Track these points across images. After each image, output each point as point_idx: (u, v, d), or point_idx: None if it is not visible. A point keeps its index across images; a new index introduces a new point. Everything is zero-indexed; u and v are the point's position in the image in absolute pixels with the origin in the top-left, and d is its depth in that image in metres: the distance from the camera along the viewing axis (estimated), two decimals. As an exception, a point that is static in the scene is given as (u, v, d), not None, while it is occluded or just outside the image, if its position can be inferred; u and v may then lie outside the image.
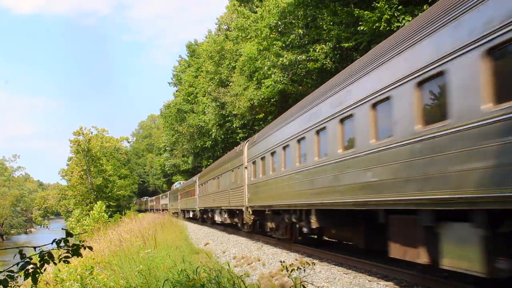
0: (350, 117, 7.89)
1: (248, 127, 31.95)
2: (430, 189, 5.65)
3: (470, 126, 4.98)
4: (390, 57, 6.70)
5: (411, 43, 6.20)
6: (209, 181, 25.74)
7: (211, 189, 24.55)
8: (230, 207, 19.33)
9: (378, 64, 7.07)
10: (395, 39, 6.84)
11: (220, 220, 22.50)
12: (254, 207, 15.46)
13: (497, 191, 4.60)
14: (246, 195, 16.27)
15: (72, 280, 8.48)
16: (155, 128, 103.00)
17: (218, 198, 22.32)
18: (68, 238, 3.94)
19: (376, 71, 7.12)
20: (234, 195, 18.43)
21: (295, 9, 19.28)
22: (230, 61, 33.86)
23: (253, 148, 15.71)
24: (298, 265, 6.19)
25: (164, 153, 63.64)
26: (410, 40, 6.23)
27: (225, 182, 20.60)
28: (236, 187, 17.97)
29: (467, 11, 5.11)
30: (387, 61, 6.80)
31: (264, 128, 16.60)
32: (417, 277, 7.13)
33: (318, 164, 9.25)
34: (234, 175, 18.78)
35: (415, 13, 13.63)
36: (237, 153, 18.54)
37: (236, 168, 18.27)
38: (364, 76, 7.50)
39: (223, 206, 21.06)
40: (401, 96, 6.33)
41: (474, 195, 4.91)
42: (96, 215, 36.01)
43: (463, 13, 5.18)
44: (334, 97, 8.62)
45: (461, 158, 5.08)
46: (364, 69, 7.54)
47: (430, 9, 6.27)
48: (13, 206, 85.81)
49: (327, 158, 8.86)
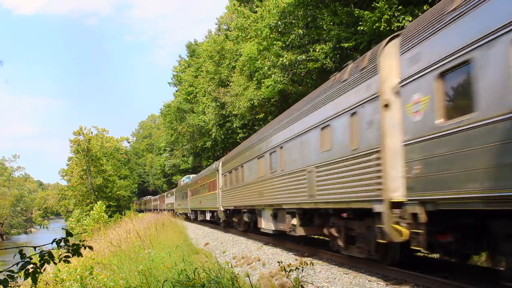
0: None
1: (248, 127, 31.94)
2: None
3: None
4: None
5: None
6: (247, 163, 16.41)
7: (254, 176, 15.38)
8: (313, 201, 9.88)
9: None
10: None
11: (275, 229, 13.47)
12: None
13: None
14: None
15: (72, 280, 8.49)
16: (155, 128, 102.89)
17: (280, 189, 12.27)
18: (68, 238, 3.95)
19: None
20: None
21: (295, 9, 19.28)
22: (230, 61, 33.85)
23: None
24: (297, 265, 6.20)
25: (164, 153, 63.62)
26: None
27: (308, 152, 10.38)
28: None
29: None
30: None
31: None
32: (417, 277, 7.13)
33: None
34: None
35: (415, 13, 13.62)
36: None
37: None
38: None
39: (296, 201, 11.02)
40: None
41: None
42: (96, 215, 36.00)
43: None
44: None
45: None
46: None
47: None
48: (13, 206, 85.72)
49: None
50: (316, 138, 9.69)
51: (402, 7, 14.15)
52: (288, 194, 11.54)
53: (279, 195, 12.30)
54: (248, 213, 16.93)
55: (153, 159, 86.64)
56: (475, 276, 7.18)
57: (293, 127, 11.36)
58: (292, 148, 11.30)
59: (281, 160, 12.24)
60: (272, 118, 22.83)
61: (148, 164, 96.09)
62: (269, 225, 13.85)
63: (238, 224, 19.46)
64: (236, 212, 19.35)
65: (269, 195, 13.26)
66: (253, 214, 16.43)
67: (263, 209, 14.42)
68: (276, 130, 13.07)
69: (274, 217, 13.32)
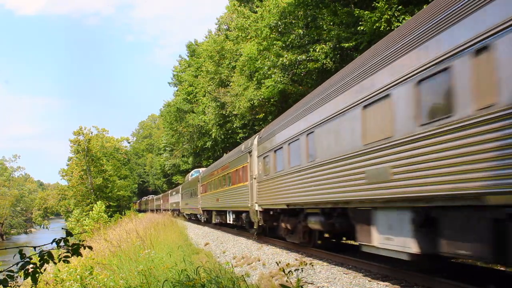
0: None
1: (248, 127, 31.95)
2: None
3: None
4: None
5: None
6: (328, 124, 9.28)
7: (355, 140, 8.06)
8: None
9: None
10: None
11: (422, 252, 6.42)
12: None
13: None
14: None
15: (72, 280, 8.49)
16: (155, 128, 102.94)
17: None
18: (68, 238, 3.94)
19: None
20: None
21: (295, 9, 19.29)
22: (230, 61, 33.85)
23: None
24: (296, 266, 6.19)
25: (164, 153, 63.63)
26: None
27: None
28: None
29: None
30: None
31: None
32: (417, 277, 7.12)
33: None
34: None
35: (415, 12, 13.61)
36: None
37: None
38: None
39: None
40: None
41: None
42: (95, 215, 36.01)
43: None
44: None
45: None
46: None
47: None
48: (13, 206, 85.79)
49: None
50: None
51: (402, 7, 14.16)
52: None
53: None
54: (322, 216, 9.88)
55: (153, 159, 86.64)
56: (475, 276, 7.18)
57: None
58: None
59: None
60: (272, 118, 22.82)
61: (148, 164, 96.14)
62: (399, 242, 6.74)
63: (290, 231, 12.61)
64: (287, 214, 12.52)
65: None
66: (341, 218, 9.26)
67: (378, 210, 7.38)
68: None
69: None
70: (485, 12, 5.01)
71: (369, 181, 7.33)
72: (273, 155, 12.95)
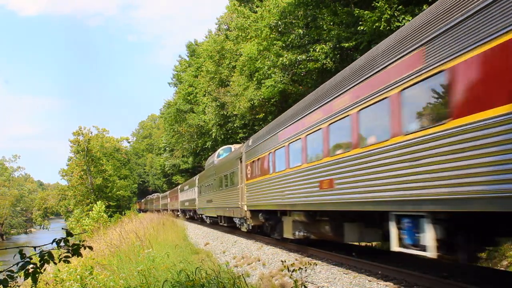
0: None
1: (249, 127, 31.94)
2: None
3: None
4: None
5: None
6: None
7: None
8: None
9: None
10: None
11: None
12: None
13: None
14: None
15: (72, 280, 8.49)
16: (155, 128, 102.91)
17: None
18: (68, 238, 3.94)
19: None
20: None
21: (295, 9, 19.27)
22: (230, 61, 33.83)
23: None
24: (299, 265, 6.20)
25: (164, 153, 63.63)
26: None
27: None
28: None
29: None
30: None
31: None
32: (417, 277, 7.13)
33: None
34: None
35: (416, 12, 13.61)
36: None
37: None
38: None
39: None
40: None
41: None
42: (95, 215, 35.98)
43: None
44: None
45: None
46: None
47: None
48: (13, 206, 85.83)
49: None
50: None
51: (402, 7, 14.15)
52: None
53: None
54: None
55: (153, 159, 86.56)
56: (475, 276, 7.17)
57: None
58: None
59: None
60: (272, 118, 22.82)
61: (148, 164, 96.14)
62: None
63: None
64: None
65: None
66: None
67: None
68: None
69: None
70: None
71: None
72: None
